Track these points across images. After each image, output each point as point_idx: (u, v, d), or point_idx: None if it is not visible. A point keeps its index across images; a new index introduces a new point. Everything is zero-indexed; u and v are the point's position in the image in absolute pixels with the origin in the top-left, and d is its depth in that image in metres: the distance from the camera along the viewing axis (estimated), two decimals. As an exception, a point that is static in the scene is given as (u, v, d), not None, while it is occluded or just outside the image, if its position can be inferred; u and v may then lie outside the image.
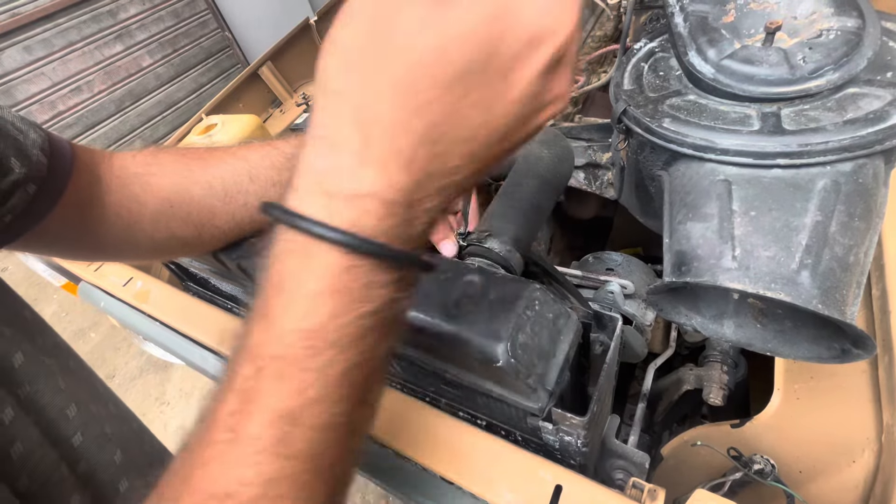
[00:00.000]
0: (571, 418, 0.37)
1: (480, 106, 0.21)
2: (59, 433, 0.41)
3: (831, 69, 0.49)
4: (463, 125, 0.21)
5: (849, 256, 0.43)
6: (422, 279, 0.25)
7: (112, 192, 0.42)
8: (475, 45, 0.19)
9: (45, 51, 2.68)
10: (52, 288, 2.90)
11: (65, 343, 0.50)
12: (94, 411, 0.46)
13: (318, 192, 0.21)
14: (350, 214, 0.21)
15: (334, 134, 0.21)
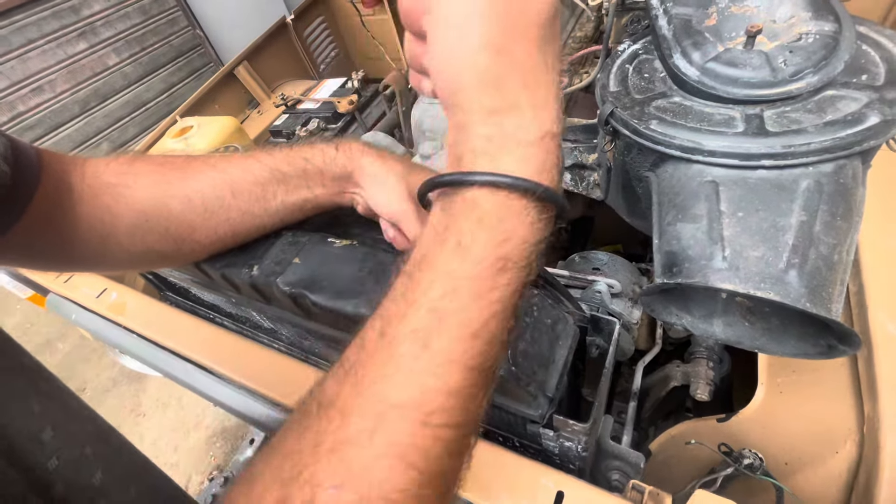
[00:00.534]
0: (574, 425, 0.37)
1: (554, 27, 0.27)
2: (33, 460, 0.39)
3: (811, 72, 0.50)
4: (557, 39, 0.27)
5: (833, 255, 0.44)
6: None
7: (83, 203, 0.40)
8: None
9: (2, 49, 2.54)
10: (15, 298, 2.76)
11: (34, 361, 0.47)
12: (74, 431, 0.44)
13: (514, 145, 0.26)
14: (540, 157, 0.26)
15: (508, 101, 0.25)
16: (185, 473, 1.85)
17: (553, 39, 0.26)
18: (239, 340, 0.61)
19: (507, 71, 0.25)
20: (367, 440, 0.23)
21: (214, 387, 0.63)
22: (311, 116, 1.30)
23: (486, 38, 0.24)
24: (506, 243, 0.25)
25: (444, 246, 0.26)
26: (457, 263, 0.26)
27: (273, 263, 0.49)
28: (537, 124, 0.25)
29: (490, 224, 0.25)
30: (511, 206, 0.26)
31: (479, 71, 0.25)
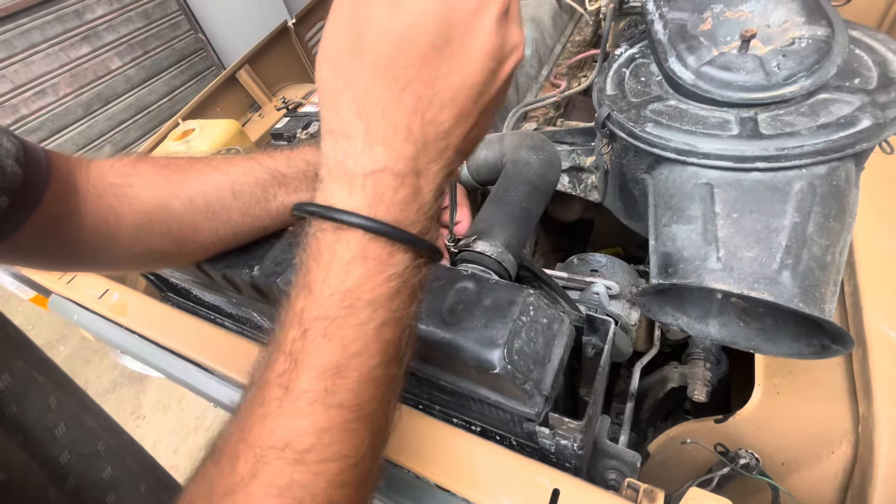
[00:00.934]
0: (569, 423, 0.38)
1: (454, 69, 0.24)
2: (47, 453, 0.40)
3: (804, 76, 0.51)
4: (445, 89, 0.24)
5: (826, 256, 0.45)
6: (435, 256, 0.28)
7: (88, 203, 0.41)
8: (434, 21, 0.23)
9: (5, 53, 2.56)
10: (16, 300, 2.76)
11: (49, 358, 0.48)
12: (90, 425, 0.45)
13: (342, 175, 0.25)
14: (369, 189, 0.24)
15: (342, 125, 0.24)
16: (185, 476, 1.85)
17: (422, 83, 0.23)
18: (240, 341, 0.62)
19: (341, 92, 0.24)
20: (250, 483, 0.24)
21: (215, 387, 0.64)
22: (311, 119, 1.31)
23: (330, 51, 0.24)
24: (344, 281, 0.25)
25: (297, 283, 0.26)
26: (303, 302, 0.25)
27: (273, 264, 0.50)
28: (368, 155, 0.24)
29: (325, 260, 0.25)
30: (342, 241, 0.25)
31: (321, 83, 0.25)
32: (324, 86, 0.25)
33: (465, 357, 0.38)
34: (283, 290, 0.48)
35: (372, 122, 0.24)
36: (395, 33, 0.22)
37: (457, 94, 0.24)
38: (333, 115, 0.24)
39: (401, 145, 0.24)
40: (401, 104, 0.23)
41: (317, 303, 0.25)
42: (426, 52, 0.23)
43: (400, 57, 0.23)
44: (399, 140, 0.24)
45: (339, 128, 0.24)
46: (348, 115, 0.24)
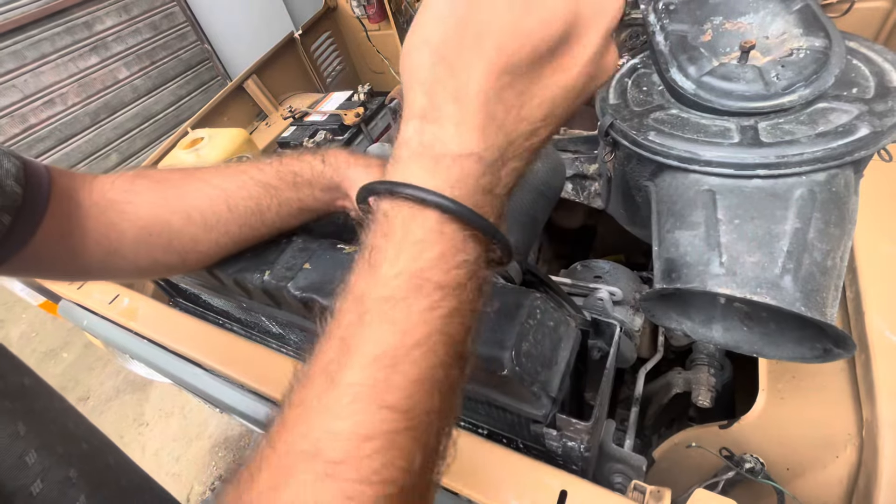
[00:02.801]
0: (576, 424, 0.38)
1: (560, 70, 0.24)
2: (17, 483, 0.40)
3: (802, 85, 0.52)
4: (545, 89, 0.24)
5: (827, 261, 0.46)
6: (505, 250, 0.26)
7: (91, 218, 0.42)
8: (560, 24, 0.23)
9: (15, 63, 2.60)
10: (20, 307, 2.78)
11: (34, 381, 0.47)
12: (61, 452, 0.44)
13: (427, 157, 0.24)
14: (455, 172, 0.23)
15: (436, 111, 0.24)
16: (188, 484, 1.84)
17: (528, 81, 0.24)
18: (249, 345, 0.62)
19: (441, 80, 0.23)
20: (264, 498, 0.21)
21: (225, 391, 0.64)
22: (318, 128, 1.33)
23: (434, 41, 0.23)
24: (416, 260, 0.23)
25: (359, 266, 0.24)
26: (365, 283, 0.23)
27: (284, 269, 0.51)
28: (458, 141, 0.23)
29: (397, 238, 0.23)
30: (418, 219, 0.23)
31: (418, 69, 0.24)
32: (419, 72, 0.24)
33: (473, 359, 0.39)
34: (296, 296, 0.49)
35: (469, 110, 0.23)
36: (519, 32, 0.22)
37: (555, 95, 0.25)
38: (426, 100, 0.24)
39: (493, 135, 0.24)
40: (503, 97, 0.23)
41: (381, 283, 0.23)
42: (543, 53, 0.23)
43: (518, 55, 0.23)
44: (492, 130, 0.24)
45: (430, 113, 0.24)
46: (444, 101, 0.23)
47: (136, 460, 0.56)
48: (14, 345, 2.50)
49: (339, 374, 0.22)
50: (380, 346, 0.22)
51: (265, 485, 0.21)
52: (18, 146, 2.70)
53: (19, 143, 2.70)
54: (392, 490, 0.21)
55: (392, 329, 0.22)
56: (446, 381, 0.24)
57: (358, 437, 0.21)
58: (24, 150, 2.72)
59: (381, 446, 0.21)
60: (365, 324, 0.23)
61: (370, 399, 0.21)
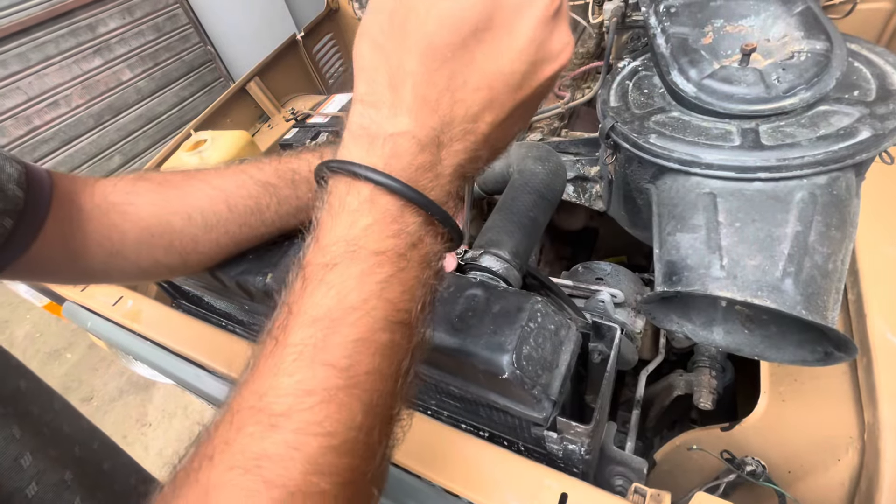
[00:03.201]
0: (576, 427, 0.38)
1: (492, 56, 0.24)
2: (13, 484, 0.40)
3: (804, 88, 0.52)
4: (479, 74, 0.25)
5: (828, 264, 0.46)
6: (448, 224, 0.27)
7: (93, 221, 0.43)
8: (479, 9, 0.23)
9: (20, 65, 2.62)
10: (24, 308, 2.79)
11: (31, 384, 0.48)
12: (55, 455, 0.45)
13: (363, 136, 0.25)
14: (388, 149, 0.25)
15: (373, 96, 0.25)
16: (190, 484, 1.85)
17: (458, 64, 0.24)
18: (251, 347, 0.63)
19: (377, 66, 0.25)
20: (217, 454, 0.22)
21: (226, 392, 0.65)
22: (320, 130, 1.34)
23: (371, 31, 0.25)
24: (350, 227, 0.24)
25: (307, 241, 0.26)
26: (309, 252, 0.25)
27: (286, 271, 0.51)
28: (392, 122, 0.25)
29: (335, 210, 0.25)
30: (354, 192, 0.25)
31: (359, 58, 0.26)
32: (361, 61, 0.26)
33: (474, 362, 0.39)
34: None
35: (401, 93, 0.24)
36: (439, 16, 0.23)
37: (492, 81, 0.25)
38: (366, 87, 0.25)
39: (426, 116, 0.25)
40: (433, 80, 0.24)
41: (321, 251, 0.25)
42: (466, 36, 0.23)
43: (440, 38, 0.23)
44: (426, 112, 0.24)
45: (369, 98, 0.25)
46: (380, 87, 0.25)
47: (140, 460, 0.57)
48: (18, 345, 2.51)
49: (284, 336, 0.24)
50: (319, 309, 0.24)
51: (219, 439, 0.22)
52: (23, 148, 2.72)
53: (24, 145, 2.72)
54: (335, 442, 0.22)
55: (329, 293, 0.24)
56: (389, 345, 0.25)
57: (299, 391, 0.22)
58: (28, 151, 2.74)
59: (321, 400, 0.22)
60: (306, 289, 0.24)
61: (311, 357, 0.23)
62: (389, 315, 0.25)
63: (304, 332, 0.23)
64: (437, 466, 0.46)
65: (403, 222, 0.25)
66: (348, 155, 0.25)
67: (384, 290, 0.24)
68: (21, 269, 0.39)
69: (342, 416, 0.23)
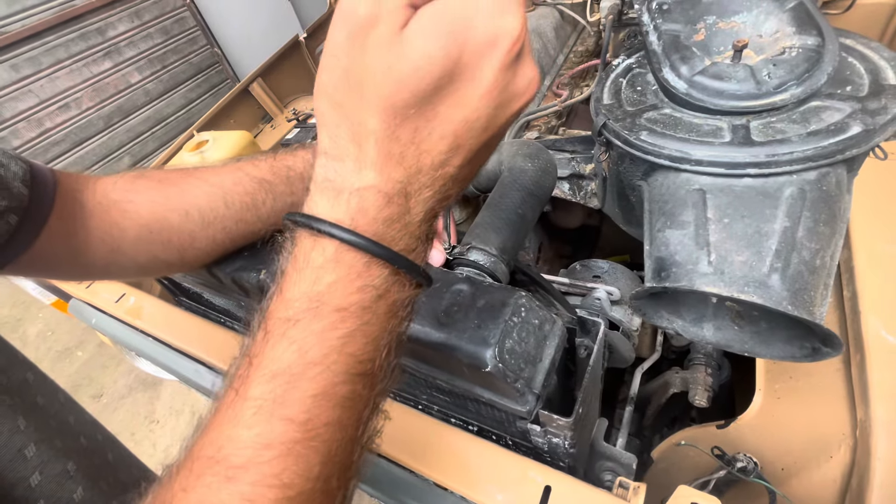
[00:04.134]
0: (557, 420, 0.39)
1: (456, 106, 0.24)
2: (16, 475, 0.41)
3: (794, 84, 0.52)
4: (444, 124, 0.24)
5: (815, 260, 0.46)
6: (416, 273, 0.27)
7: (94, 218, 0.44)
8: (438, 67, 0.22)
9: (32, 69, 2.68)
10: (36, 307, 2.85)
11: (37, 377, 0.49)
12: (60, 446, 0.46)
13: (329, 190, 0.25)
14: (354, 204, 0.24)
15: (337, 150, 0.25)
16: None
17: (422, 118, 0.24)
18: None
19: (338, 123, 0.25)
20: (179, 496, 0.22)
21: (224, 387, 0.66)
22: (321, 130, 1.35)
23: (328, 89, 0.24)
24: (314, 284, 0.24)
25: (270, 289, 0.26)
26: (273, 304, 0.25)
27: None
28: (357, 176, 0.24)
29: (300, 264, 0.25)
30: (319, 248, 0.25)
31: (320, 113, 0.25)
32: (321, 116, 0.25)
33: (458, 356, 0.39)
34: None
35: (365, 148, 0.24)
36: (396, 79, 0.22)
37: (457, 129, 0.25)
38: (329, 140, 0.25)
39: (392, 169, 0.24)
40: (396, 136, 0.24)
41: (284, 304, 0.25)
42: (427, 93, 0.23)
43: (399, 99, 0.23)
44: (391, 165, 0.24)
45: (333, 151, 0.25)
46: (344, 141, 0.25)
47: (148, 457, 0.58)
48: (31, 343, 2.56)
49: (244, 389, 0.24)
50: (279, 364, 0.24)
51: (178, 486, 0.23)
52: (35, 150, 2.77)
53: (35, 147, 2.77)
54: (291, 493, 0.23)
55: (290, 348, 0.24)
56: (350, 397, 0.25)
57: (258, 445, 0.23)
58: (39, 153, 2.79)
59: (279, 454, 0.23)
60: (268, 342, 0.24)
61: (270, 412, 0.23)
62: (351, 368, 0.25)
63: (264, 388, 0.24)
64: (425, 460, 0.47)
65: (369, 276, 0.25)
66: (314, 208, 0.25)
67: (346, 345, 0.25)
68: (25, 265, 0.41)
69: (300, 468, 0.23)
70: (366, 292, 0.25)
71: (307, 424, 0.23)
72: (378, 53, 0.22)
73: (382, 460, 0.50)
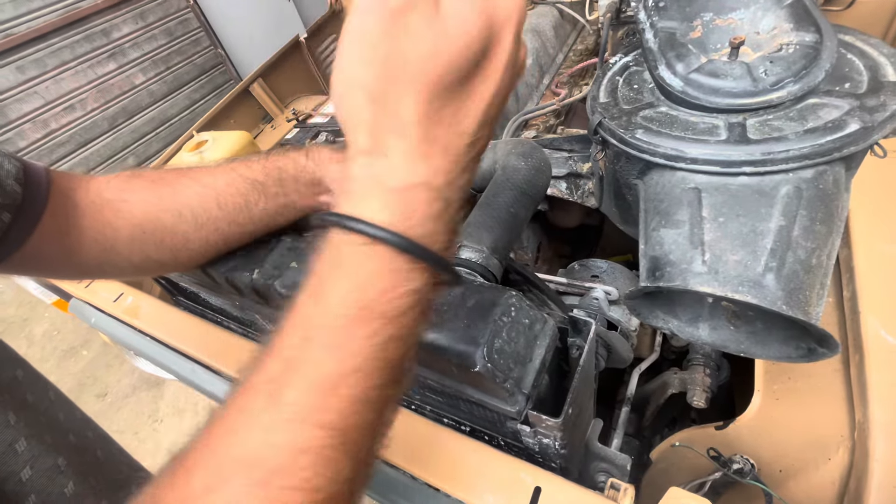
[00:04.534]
0: (546, 420, 0.39)
1: (487, 79, 0.25)
2: (8, 468, 0.42)
3: (791, 81, 0.51)
4: (477, 100, 0.25)
5: (811, 259, 0.45)
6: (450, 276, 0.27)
7: (88, 217, 0.44)
8: (478, 37, 0.23)
9: (37, 70, 2.70)
10: (43, 306, 2.88)
11: (27, 374, 0.50)
12: (50, 442, 0.46)
13: (377, 190, 0.24)
14: (403, 205, 0.24)
15: (381, 147, 0.24)
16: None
17: (460, 97, 0.24)
18: (243, 342, 0.64)
19: (380, 118, 0.24)
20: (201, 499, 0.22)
21: (221, 387, 0.66)
22: (320, 130, 1.35)
23: (366, 82, 0.24)
24: (364, 291, 0.24)
25: (307, 290, 0.25)
26: (312, 309, 0.24)
27: (272, 268, 0.52)
28: (405, 172, 0.24)
29: (346, 270, 0.24)
30: (368, 253, 0.24)
31: (356, 111, 0.24)
32: (357, 113, 0.24)
33: (448, 356, 0.39)
34: (282, 294, 0.50)
35: (412, 141, 0.24)
36: (443, 55, 0.23)
37: (487, 104, 0.25)
38: (369, 139, 0.24)
39: (439, 160, 0.24)
40: (441, 120, 0.24)
41: (327, 311, 0.24)
42: (468, 69, 0.24)
43: (446, 77, 0.23)
44: (437, 154, 0.24)
45: (374, 147, 0.24)
46: (387, 137, 0.24)
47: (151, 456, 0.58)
48: (37, 343, 2.58)
49: (281, 393, 0.23)
50: (320, 370, 0.23)
51: (199, 484, 0.22)
52: (40, 151, 2.80)
53: (41, 148, 2.80)
54: (318, 497, 0.23)
55: (332, 355, 0.24)
56: (380, 401, 0.25)
57: (294, 450, 0.22)
58: (45, 154, 2.82)
59: (314, 459, 0.23)
60: (308, 347, 0.24)
61: (307, 418, 0.23)
62: (385, 372, 0.25)
63: (303, 394, 0.23)
64: (417, 460, 0.47)
65: (413, 282, 0.25)
66: (362, 210, 0.24)
67: (384, 350, 0.24)
68: (18, 263, 0.41)
69: (330, 472, 0.23)
70: (408, 296, 0.25)
71: (343, 430, 0.23)
72: (421, 35, 0.23)
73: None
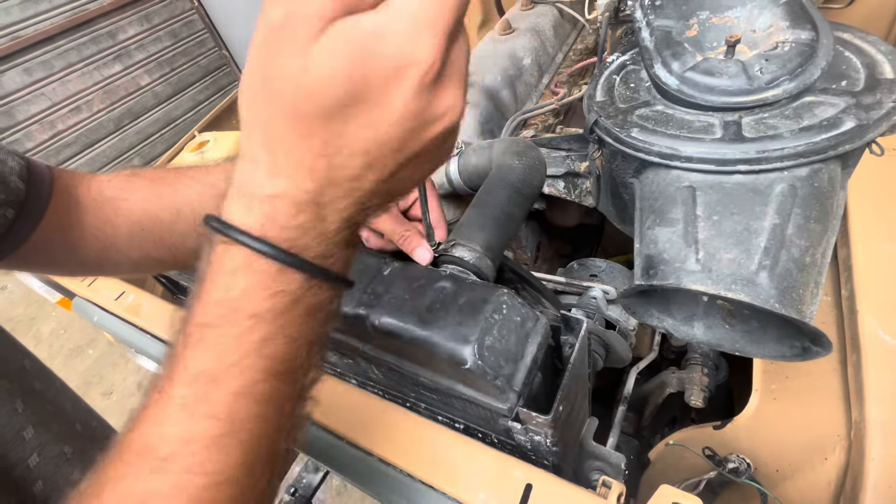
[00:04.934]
0: (537, 417, 0.39)
1: (365, 126, 0.24)
2: (16, 455, 0.43)
3: (787, 79, 0.51)
4: (353, 142, 0.24)
5: (805, 257, 0.45)
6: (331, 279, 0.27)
7: (89, 214, 0.45)
8: (342, 82, 0.22)
9: (44, 72, 2.73)
10: (50, 305, 2.91)
11: (34, 364, 0.51)
12: (57, 430, 0.47)
13: (245, 196, 0.25)
14: (265, 210, 0.25)
15: (252, 154, 0.25)
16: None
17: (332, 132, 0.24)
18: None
19: (254, 127, 0.25)
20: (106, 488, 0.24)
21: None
22: (322, 130, 1.36)
23: (246, 92, 0.25)
24: (228, 290, 0.25)
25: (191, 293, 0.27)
26: (193, 309, 0.26)
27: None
28: (269, 182, 0.25)
29: (216, 271, 0.26)
30: (232, 254, 0.25)
31: (241, 111, 0.25)
32: (242, 114, 0.26)
33: (439, 353, 0.39)
34: None
35: (276, 155, 0.24)
36: (302, 90, 0.22)
37: (369, 148, 0.24)
38: (246, 140, 0.25)
39: (302, 179, 0.24)
40: (306, 146, 0.24)
41: (202, 309, 0.26)
42: (332, 110, 0.23)
43: (304, 110, 0.23)
44: (301, 175, 0.24)
45: (249, 153, 0.25)
46: (258, 147, 0.25)
47: None
48: (44, 341, 2.61)
49: (168, 388, 0.25)
50: (198, 366, 0.25)
51: (112, 474, 0.25)
52: (47, 152, 2.83)
53: (48, 149, 2.83)
54: (219, 479, 0.25)
55: (209, 351, 0.25)
56: (271, 394, 0.26)
57: (182, 439, 0.25)
58: (51, 155, 2.85)
59: (204, 446, 0.25)
60: (188, 345, 0.26)
61: (193, 409, 0.25)
62: (270, 368, 0.26)
63: (187, 389, 0.25)
64: (410, 457, 0.47)
65: (282, 283, 0.25)
66: (230, 214, 0.26)
67: (263, 348, 0.26)
68: (21, 259, 0.42)
69: (223, 458, 0.25)
70: (280, 297, 0.25)
71: (229, 420, 0.25)
72: (288, 60, 0.22)
73: (367, 456, 0.50)
